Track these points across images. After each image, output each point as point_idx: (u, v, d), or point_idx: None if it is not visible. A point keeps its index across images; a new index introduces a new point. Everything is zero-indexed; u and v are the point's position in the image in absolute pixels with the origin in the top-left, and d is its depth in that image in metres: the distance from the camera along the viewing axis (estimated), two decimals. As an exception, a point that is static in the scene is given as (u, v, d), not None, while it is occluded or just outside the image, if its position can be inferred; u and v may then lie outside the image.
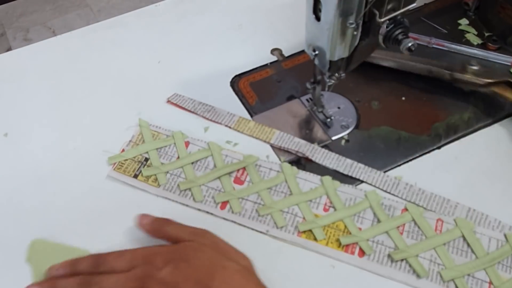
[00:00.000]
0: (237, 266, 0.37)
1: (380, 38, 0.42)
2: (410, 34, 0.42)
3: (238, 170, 0.49)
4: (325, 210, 0.46)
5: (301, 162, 0.50)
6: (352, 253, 0.43)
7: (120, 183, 0.49)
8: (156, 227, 0.41)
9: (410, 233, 0.44)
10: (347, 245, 0.43)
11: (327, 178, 0.48)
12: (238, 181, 0.48)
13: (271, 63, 0.61)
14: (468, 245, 0.43)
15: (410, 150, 0.51)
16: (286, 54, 0.62)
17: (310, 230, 0.44)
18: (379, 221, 0.45)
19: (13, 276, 0.43)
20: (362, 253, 0.43)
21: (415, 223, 0.44)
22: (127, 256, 0.39)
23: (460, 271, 0.41)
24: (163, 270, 0.36)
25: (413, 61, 0.56)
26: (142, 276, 0.36)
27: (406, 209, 0.45)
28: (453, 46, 0.60)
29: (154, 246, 0.40)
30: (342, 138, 0.52)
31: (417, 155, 0.50)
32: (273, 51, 0.62)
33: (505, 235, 0.43)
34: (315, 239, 0.44)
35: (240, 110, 0.56)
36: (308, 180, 0.48)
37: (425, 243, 0.43)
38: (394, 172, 0.49)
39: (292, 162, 0.50)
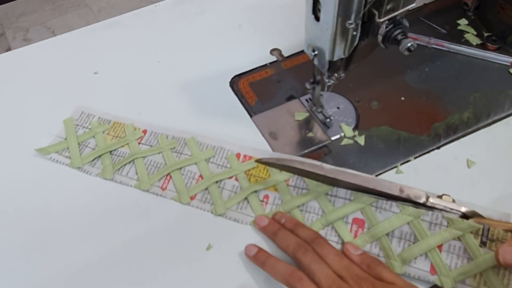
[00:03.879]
0: None
1: (380, 38, 0.42)
2: (410, 34, 0.42)
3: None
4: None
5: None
6: None
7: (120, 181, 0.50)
8: (367, 264, 0.41)
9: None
10: None
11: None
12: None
13: (270, 63, 0.61)
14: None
15: (409, 150, 0.51)
16: (285, 54, 0.62)
17: None
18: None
19: (13, 276, 0.44)
20: None
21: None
22: (345, 263, 0.40)
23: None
24: None
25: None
26: None
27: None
28: (452, 46, 0.60)
29: (371, 274, 0.39)
30: (341, 138, 0.52)
31: (417, 155, 0.50)
32: (272, 51, 0.62)
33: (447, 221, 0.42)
34: None
35: (239, 110, 0.56)
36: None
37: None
38: (393, 172, 0.49)
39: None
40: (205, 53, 0.63)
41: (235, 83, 0.59)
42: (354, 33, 0.41)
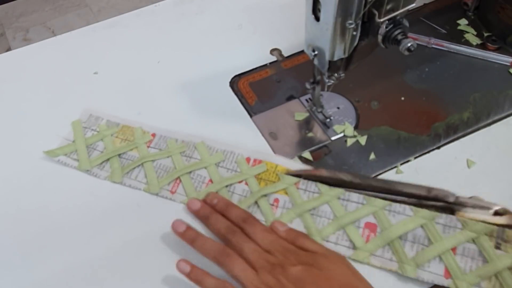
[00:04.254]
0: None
1: (380, 38, 0.42)
2: (410, 34, 0.42)
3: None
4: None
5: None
6: None
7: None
8: (292, 237, 0.42)
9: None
10: None
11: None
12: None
13: (270, 63, 0.61)
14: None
15: (409, 150, 0.51)
16: (285, 54, 0.62)
17: None
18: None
19: (13, 276, 0.44)
20: None
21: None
22: (271, 238, 0.41)
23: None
24: (295, 267, 0.38)
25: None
26: (274, 263, 0.39)
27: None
28: (452, 46, 0.60)
29: (296, 245, 0.41)
30: (341, 138, 0.52)
31: (417, 155, 0.50)
32: (272, 51, 0.62)
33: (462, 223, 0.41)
34: None
35: (239, 110, 0.56)
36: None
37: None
38: (393, 172, 0.49)
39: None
40: (205, 53, 0.63)
41: (235, 83, 0.59)
42: (354, 33, 0.41)
